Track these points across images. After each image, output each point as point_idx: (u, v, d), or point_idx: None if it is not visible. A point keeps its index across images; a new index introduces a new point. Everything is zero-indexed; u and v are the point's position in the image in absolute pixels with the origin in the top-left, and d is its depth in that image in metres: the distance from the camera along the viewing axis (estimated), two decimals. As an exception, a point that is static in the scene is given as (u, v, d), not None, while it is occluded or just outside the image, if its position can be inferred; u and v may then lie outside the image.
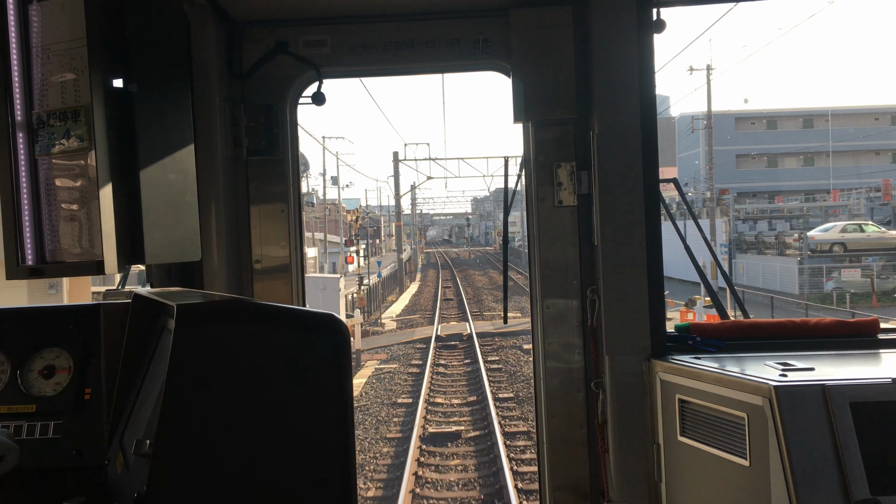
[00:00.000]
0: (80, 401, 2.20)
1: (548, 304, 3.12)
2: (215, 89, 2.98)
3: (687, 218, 38.08)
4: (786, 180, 62.24)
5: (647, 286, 2.87)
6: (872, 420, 2.12)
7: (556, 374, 3.11)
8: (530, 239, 3.19)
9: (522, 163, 3.30)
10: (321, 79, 3.17)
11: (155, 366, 2.05)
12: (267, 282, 3.21)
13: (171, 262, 2.58)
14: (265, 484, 1.61)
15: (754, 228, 45.28)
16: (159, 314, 2.17)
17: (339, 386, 1.69)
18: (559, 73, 3.05)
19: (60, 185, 2.08)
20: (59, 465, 2.11)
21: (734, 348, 2.83)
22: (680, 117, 65.06)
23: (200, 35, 2.93)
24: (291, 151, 3.23)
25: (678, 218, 29.60)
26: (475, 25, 3.15)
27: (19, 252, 2.11)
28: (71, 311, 2.35)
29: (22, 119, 2.09)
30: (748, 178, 61.89)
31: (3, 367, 2.25)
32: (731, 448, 2.37)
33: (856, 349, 2.77)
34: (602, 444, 2.96)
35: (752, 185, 60.74)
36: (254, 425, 1.62)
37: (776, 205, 51.99)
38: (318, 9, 3.14)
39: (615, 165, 2.89)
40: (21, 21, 2.09)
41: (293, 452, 1.64)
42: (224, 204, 3.03)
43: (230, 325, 1.67)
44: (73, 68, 2.02)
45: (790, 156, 63.21)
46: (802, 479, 2.08)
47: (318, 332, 1.72)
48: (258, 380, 1.63)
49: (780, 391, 2.18)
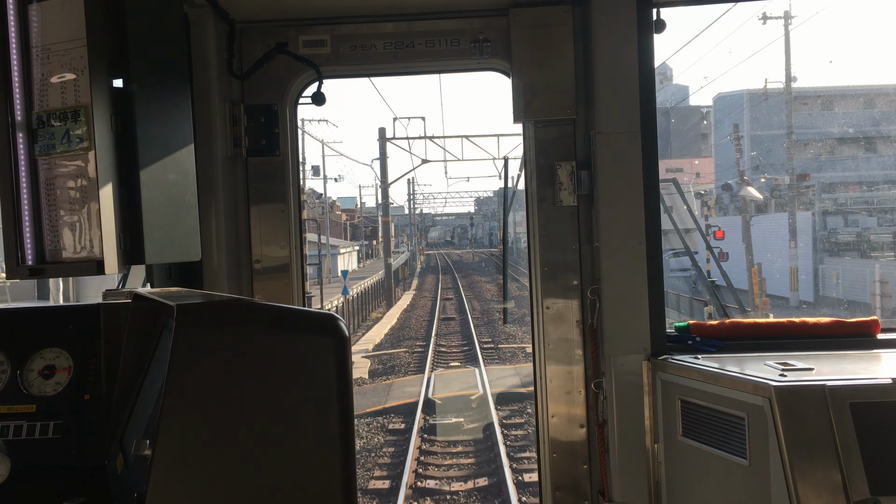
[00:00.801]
0: (80, 401, 2.20)
1: (548, 304, 3.12)
2: (215, 89, 2.98)
3: (785, 210, 31.13)
4: (850, 169, 48.33)
5: (647, 286, 2.87)
6: (872, 420, 2.12)
7: (556, 374, 3.11)
8: (530, 239, 3.19)
9: (522, 163, 3.30)
10: (321, 79, 3.17)
11: (155, 366, 2.05)
12: (267, 282, 3.21)
13: (171, 262, 2.58)
14: (265, 484, 1.61)
15: (849, 223, 35.25)
16: (159, 314, 2.17)
17: (339, 386, 1.69)
18: (559, 73, 3.05)
19: (60, 185, 2.08)
20: (59, 465, 2.11)
21: (734, 348, 2.83)
22: (718, 98, 57.07)
23: (200, 35, 2.92)
24: (291, 151, 3.23)
25: (770, 211, 27.49)
26: (475, 25, 3.15)
27: (19, 252, 2.11)
28: (71, 311, 2.35)
29: (22, 119, 2.09)
30: (809, 167, 45.99)
31: (3, 367, 2.24)
32: (731, 448, 2.37)
33: (855, 349, 2.77)
34: (602, 444, 2.96)
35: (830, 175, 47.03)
36: (254, 425, 1.62)
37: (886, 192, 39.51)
38: (318, 9, 3.13)
39: (615, 165, 2.89)
40: (21, 21, 2.09)
41: (293, 452, 1.64)
42: (224, 204, 3.03)
43: (230, 325, 1.66)
44: (73, 68, 2.02)
45: (853, 141, 48.57)
46: (802, 479, 2.08)
47: (318, 332, 1.72)
48: (258, 380, 1.63)
49: (780, 391, 2.18)
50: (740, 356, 2.70)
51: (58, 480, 2.10)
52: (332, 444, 1.67)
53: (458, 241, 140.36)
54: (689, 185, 45.44)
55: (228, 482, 1.59)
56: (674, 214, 4.96)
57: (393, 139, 35.23)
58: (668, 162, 55.93)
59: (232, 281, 3.09)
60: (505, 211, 4.83)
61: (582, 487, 3.10)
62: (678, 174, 45.47)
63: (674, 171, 51.25)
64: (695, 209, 30.38)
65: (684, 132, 63.67)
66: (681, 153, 62.99)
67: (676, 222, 4.94)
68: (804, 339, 2.87)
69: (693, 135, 64.31)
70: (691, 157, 62.52)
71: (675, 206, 5.75)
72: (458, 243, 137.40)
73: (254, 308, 1.78)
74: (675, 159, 59.57)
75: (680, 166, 56.96)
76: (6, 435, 2.14)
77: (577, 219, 3.09)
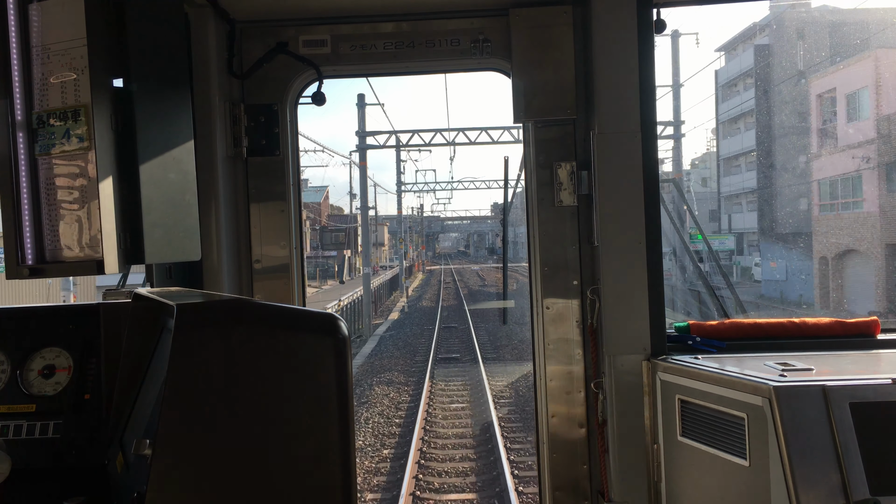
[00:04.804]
0: (80, 400, 2.20)
1: (548, 304, 3.12)
2: (215, 89, 2.98)
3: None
4: None
5: (647, 286, 2.87)
6: (872, 420, 2.12)
7: (556, 374, 3.11)
8: (530, 239, 3.19)
9: (522, 163, 3.30)
10: (321, 79, 3.18)
11: (155, 366, 2.05)
12: (267, 282, 3.21)
13: (171, 261, 2.58)
14: (265, 484, 1.61)
15: None
16: (159, 314, 2.17)
17: (339, 386, 1.69)
18: (559, 73, 3.05)
19: (60, 184, 2.08)
20: (59, 465, 2.11)
21: (734, 348, 2.84)
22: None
23: (200, 35, 2.93)
24: (291, 151, 3.23)
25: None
26: (475, 25, 3.15)
27: (19, 252, 2.11)
28: (71, 311, 2.35)
29: (22, 119, 2.09)
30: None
31: (3, 367, 2.25)
32: (730, 448, 2.37)
33: (855, 349, 2.78)
34: (602, 444, 2.96)
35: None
36: (254, 425, 1.62)
37: None
38: (318, 9, 3.14)
39: (615, 165, 2.89)
40: (21, 21, 2.09)
41: (293, 452, 1.64)
42: (224, 204, 3.03)
43: (230, 325, 1.66)
44: (73, 68, 2.02)
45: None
46: (802, 479, 2.08)
47: (318, 332, 1.72)
48: (258, 379, 1.63)
49: (780, 391, 2.18)
50: (740, 356, 2.70)
51: (58, 480, 2.10)
52: (332, 444, 1.67)
53: (473, 251, 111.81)
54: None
55: (228, 482, 1.59)
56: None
57: (377, 104, 30.39)
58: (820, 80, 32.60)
59: (232, 281, 3.09)
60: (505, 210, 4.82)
61: (581, 487, 3.10)
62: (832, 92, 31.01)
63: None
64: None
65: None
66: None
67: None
68: (804, 339, 2.87)
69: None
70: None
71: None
72: (475, 254, 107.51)
73: (254, 308, 1.78)
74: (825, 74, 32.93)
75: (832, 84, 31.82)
76: (6, 434, 2.14)
77: (577, 219, 3.09)
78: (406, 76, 3.50)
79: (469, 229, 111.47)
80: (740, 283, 41.46)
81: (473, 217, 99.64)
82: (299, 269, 3.28)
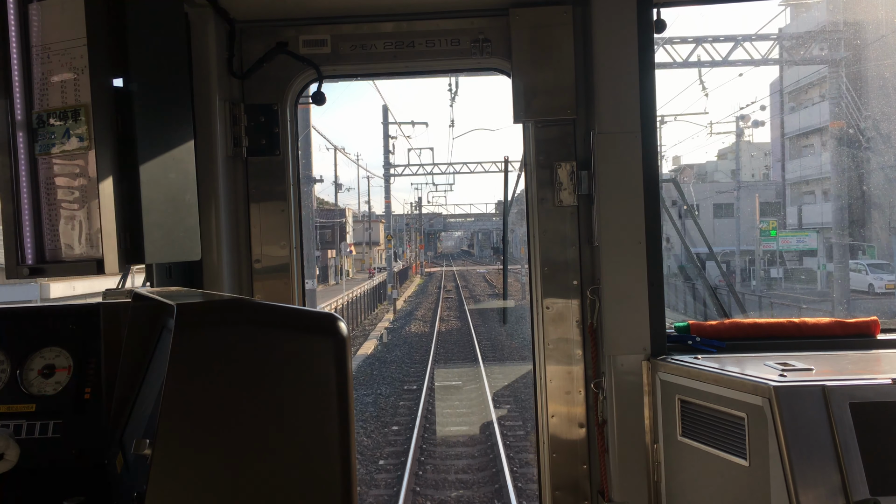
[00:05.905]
0: (80, 400, 2.20)
1: (548, 304, 3.12)
2: (215, 89, 2.98)
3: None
4: None
5: (646, 286, 2.87)
6: (872, 420, 2.12)
7: (556, 374, 3.11)
8: (530, 239, 3.19)
9: (522, 163, 3.30)
10: (321, 79, 3.18)
11: (155, 365, 2.05)
12: (267, 281, 3.21)
13: (171, 261, 2.58)
14: (265, 484, 1.61)
15: None
16: (159, 314, 2.17)
17: (338, 386, 1.69)
18: (559, 73, 3.05)
19: (60, 184, 2.08)
20: (59, 464, 2.11)
21: (734, 348, 2.84)
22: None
23: (200, 35, 2.93)
24: (291, 151, 3.23)
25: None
26: (475, 25, 3.15)
27: (19, 252, 2.11)
28: (71, 311, 2.35)
29: (22, 119, 2.10)
30: None
31: (3, 367, 2.24)
32: (730, 448, 2.37)
33: (855, 349, 2.78)
34: (602, 444, 2.96)
35: None
36: (253, 425, 1.62)
37: None
38: (318, 9, 3.14)
39: (615, 165, 2.89)
40: (21, 21, 2.09)
41: (293, 452, 1.64)
42: (224, 203, 3.03)
43: (230, 325, 1.66)
44: (73, 68, 2.02)
45: None
46: (802, 479, 2.08)
47: (318, 332, 1.72)
48: (258, 380, 1.63)
49: (780, 391, 2.18)
50: (740, 356, 2.70)
51: (57, 480, 2.10)
52: (332, 443, 1.67)
53: (478, 251, 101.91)
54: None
55: (228, 482, 1.59)
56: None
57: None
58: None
59: (232, 280, 3.09)
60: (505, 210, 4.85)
61: (581, 487, 3.10)
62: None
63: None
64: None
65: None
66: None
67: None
68: (804, 339, 2.87)
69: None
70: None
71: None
72: (479, 255, 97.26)
73: (254, 308, 1.78)
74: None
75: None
76: None
77: (577, 219, 3.09)
78: (406, 78, 3.49)
79: (473, 227, 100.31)
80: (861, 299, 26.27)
81: (478, 214, 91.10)
82: (299, 268, 3.28)
